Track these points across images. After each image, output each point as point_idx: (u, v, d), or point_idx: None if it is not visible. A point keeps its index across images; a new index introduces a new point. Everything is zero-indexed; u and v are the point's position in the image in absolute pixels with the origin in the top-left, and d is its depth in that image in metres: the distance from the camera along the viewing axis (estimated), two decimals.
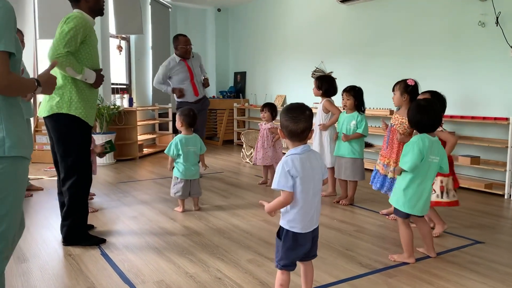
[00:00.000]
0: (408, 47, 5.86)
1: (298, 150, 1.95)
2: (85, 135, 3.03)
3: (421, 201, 2.71)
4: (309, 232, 2.00)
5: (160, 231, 3.38)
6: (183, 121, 3.93)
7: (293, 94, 7.88)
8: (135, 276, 2.56)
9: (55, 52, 2.80)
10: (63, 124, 2.93)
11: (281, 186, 1.91)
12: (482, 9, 4.96)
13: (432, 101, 2.80)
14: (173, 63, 5.39)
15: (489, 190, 4.69)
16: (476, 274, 2.62)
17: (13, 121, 1.66)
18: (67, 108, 2.90)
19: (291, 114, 1.95)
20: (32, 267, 2.69)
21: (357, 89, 4.14)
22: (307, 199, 1.96)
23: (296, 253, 2.02)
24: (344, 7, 6.76)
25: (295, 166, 1.90)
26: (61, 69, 2.84)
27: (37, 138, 6.36)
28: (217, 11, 9.43)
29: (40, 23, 6.02)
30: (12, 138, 1.63)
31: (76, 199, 3.00)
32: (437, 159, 2.70)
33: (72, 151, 2.95)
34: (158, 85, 5.51)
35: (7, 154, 1.62)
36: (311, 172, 1.96)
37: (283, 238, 2.00)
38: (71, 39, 2.81)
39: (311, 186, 1.97)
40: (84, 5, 2.97)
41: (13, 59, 1.65)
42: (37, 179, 5.19)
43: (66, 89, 2.91)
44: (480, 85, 5.09)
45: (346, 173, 4.16)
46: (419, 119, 2.69)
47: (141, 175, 5.69)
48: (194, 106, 5.36)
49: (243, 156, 6.81)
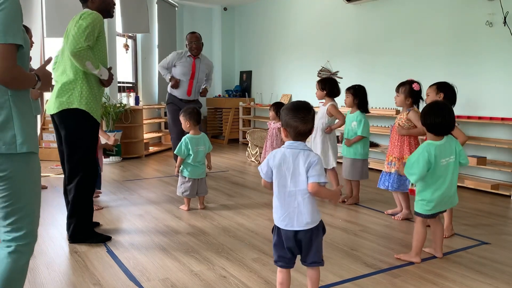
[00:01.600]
0: (414, 47, 5.83)
1: (289, 143, 2.00)
2: (94, 131, 3.04)
3: (443, 202, 2.74)
4: (289, 231, 1.98)
5: (165, 229, 3.39)
6: (189, 120, 3.92)
7: (299, 93, 7.87)
8: (140, 274, 2.57)
9: (76, 46, 2.80)
10: (73, 119, 2.93)
11: (260, 171, 2.03)
12: (490, 8, 4.93)
13: (447, 103, 2.78)
14: (183, 55, 5.48)
15: (495, 191, 4.66)
16: (482, 275, 2.61)
17: (24, 118, 1.68)
18: (77, 103, 2.90)
19: (300, 114, 1.95)
20: (38, 264, 2.71)
21: (357, 87, 4.12)
22: (284, 194, 1.98)
23: (280, 249, 2.03)
24: (350, 6, 6.74)
25: (276, 158, 1.98)
26: (81, 63, 2.84)
27: (44, 136, 6.40)
28: (223, 10, 9.44)
29: (47, 21, 6.05)
30: (23, 135, 1.65)
31: (82, 196, 3.02)
32: (452, 158, 2.70)
33: (79, 147, 2.97)
34: (162, 68, 5.56)
35: (19, 151, 1.64)
36: (292, 169, 1.96)
37: (273, 232, 2.07)
38: (90, 34, 2.83)
39: (288, 183, 1.97)
40: (95, 6, 2.99)
41: (21, 51, 1.65)
42: (44, 177, 5.22)
43: (78, 84, 2.91)
44: (487, 85, 5.06)
45: (345, 172, 4.17)
46: (432, 120, 2.65)
47: (147, 173, 5.71)
48: (184, 105, 5.37)
49: (249, 155, 6.82)
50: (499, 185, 4.74)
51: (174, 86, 5.42)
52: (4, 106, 1.62)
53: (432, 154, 2.63)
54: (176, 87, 5.42)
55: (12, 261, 1.69)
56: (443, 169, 2.68)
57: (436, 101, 2.85)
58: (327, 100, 4.38)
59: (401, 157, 3.55)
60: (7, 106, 1.63)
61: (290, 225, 1.98)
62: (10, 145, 1.62)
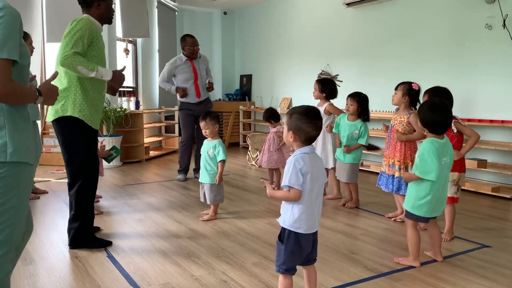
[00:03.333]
0: (414, 50, 5.84)
1: (307, 149, 1.98)
2: (90, 138, 3.02)
3: (439, 203, 2.71)
4: (311, 234, 2.01)
5: (166, 234, 3.39)
6: (217, 124, 3.83)
7: (299, 97, 7.88)
8: (141, 279, 2.57)
9: (62, 54, 2.81)
10: (67, 127, 2.93)
11: (292, 183, 1.92)
12: (489, 11, 4.94)
13: (446, 102, 2.77)
14: (179, 62, 5.41)
15: (496, 194, 4.66)
16: (483, 278, 2.60)
17: (17, 126, 1.65)
18: (71, 111, 2.90)
19: (314, 120, 1.97)
20: (39, 269, 2.71)
21: (363, 95, 4.13)
22: (312, 198, 1.98)
23: (299, 257, 2.02)
24: (350, 10, 6.76)
25: (306, 164, 1.93)
26: (72, 70, 2.84)
27: (45, 140, 6.41)
28: (223, 14, 9.46)
29: (48, 26, 6.07)
30: (15, 144, 1.62)
31: (83, 203, 3.02)
32: (448, 160, 2.69)
33: (77, 156, 2.96)
34: (163, 83, 5.53)
35: (9, 159, 1.60)
36: (318, 172, 1.99)
37: (285, 241, 2.00)
38: (78, 40, 2.82)
39: (316, 186, 1.99)
40: (95, 12, 3.00)
41: (17, 66, 1.63)
42: (45, 182, 5.23)
43: (71, 91, 2.91)
44: (487, 88, 5.06)
45: (343, 176, 4.19)
46: (434, 119, 2.63)
47: (148, 177, 5.71)
48: (196, 108, 5.39)
49: (249, 159, 6.82)
50: (500, 187, 4.74)
51: (183, 96, 5.39)
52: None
53: (438, 149, 2.61)
54: (185, 95, 5.40)
55: None
56: (442, 169, 2.67)
57: (434, 100, 2.80)
58: (324, 101, 4.41)
59: (405, 161, 3.55)
60: (0, 114, 1.61)
61: (314, 227, 2.02)
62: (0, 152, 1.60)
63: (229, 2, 8.80)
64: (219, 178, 3.70)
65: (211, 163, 3.74)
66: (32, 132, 1.79)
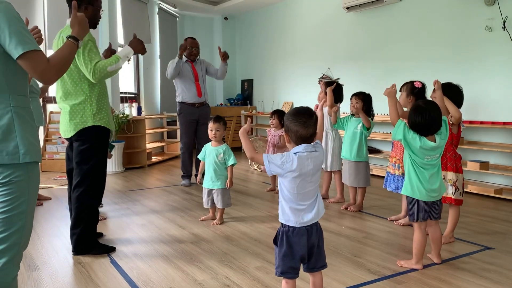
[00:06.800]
0: (414, 53, 5.86)
1: (300, 148, 1.98)
2: (107, 142, 3.14)
3: (431, 185, 2.69)
4: (303, 236, 1.99)
5: (168, 239, 3.40)
6: (225, 130, 3.84)
7: (300, 101, 7.89)
8: (144, 284, 2.57)
9: (89, 72, 2.88)
10: (90, 136, 3.00)
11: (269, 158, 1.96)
12: (489, 13, 4.95)
13: (432, 104, 2.69)
14: (180, 63, 5.40)
15: (499, 196, 4.65)
16: (486, 281, 2.59)
17: (26, 127, 1.69)
18: (92, 121, 2.99)
19: (301, 119, 1.96)
20: (42, 275, 2.72)
21: (366, 94, 4.18)
22: (300, 196, 1.99)
23: (292, 259, 2.00)
24: (350, 14, 6.78)
25: (294, 164, 1.94)
26: (108, 76, 2.93)
27: (47, 147, 6.43)
28: (224, 19, 9.50)
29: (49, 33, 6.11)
30: (25, 145, 1.67)
31: (86, 207, 3.02)
32: (436, 156, 2.69)
33: (91, 158, 3.02)
34: (170, 67, 5.36)
35: (22, 161, 1.65)
36: (309, 171, 1.98)
37: (279, 243, 2.02)
38: (91, 50, 2.89)
39: (309, 185, 2.00)
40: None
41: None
42: (47, 188, 5.24)
43: (87, 103, 2.99)
44: (488, 90, 5.06)
45: (349, 179, 4.17)
46: (414, 120, 2.64)
47: (150, 183, 5.72)
48: (196, 111, 5.40)
49: (251, 163, 6.83)
50: (503, 189, 4.73)
51: (183, 50, 5.32)
52: (6, 116, 1.64)
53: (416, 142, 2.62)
54: (185, 50, 5.32)
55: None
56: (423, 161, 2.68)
57: (418, 102, 2.76)
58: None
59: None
60: (9, 116, 1.64)
61: (303, 222, 2.00)
62: (13, 155, 1.63)
63: (229, 8, 8.84)
64: (230, 182, 3.72)
65: (221, 167, 3.76)
66: (37, 131, 1.84)
